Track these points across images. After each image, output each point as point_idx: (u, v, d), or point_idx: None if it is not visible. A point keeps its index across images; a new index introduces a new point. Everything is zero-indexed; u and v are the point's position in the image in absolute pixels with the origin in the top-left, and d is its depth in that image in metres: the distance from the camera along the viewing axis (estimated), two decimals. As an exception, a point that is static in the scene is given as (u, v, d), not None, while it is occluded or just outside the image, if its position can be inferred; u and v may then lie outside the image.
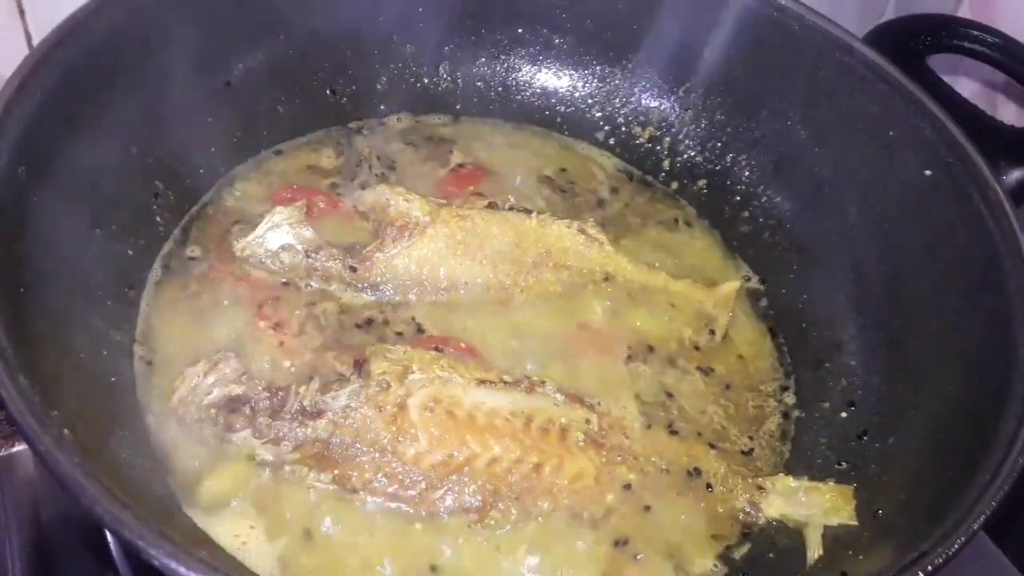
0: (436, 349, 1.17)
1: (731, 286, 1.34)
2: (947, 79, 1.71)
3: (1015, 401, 0.97)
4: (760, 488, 1.11)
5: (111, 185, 1.18)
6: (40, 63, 1.09)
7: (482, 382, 1.11)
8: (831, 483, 1.11)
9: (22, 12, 1.40)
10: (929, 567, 0.81)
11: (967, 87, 1.83)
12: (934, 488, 0.99)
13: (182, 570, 0.69)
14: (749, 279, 1.40)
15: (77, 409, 0.92)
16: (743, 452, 1.19)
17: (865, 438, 1.16)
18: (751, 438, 1.20)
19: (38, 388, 0.83)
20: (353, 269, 1.23)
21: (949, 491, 0.95)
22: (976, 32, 1.45)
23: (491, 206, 1.33)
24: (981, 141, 1.23)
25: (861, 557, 0.99)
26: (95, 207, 1.15)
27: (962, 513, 0.87)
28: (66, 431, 0.82)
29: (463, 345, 1.21)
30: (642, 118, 1.54)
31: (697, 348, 1.29)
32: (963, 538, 0.83)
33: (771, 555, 1.07)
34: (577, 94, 1.56)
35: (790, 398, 1.26)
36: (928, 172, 1.24)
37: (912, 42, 1.46)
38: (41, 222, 1.04)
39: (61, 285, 1.05)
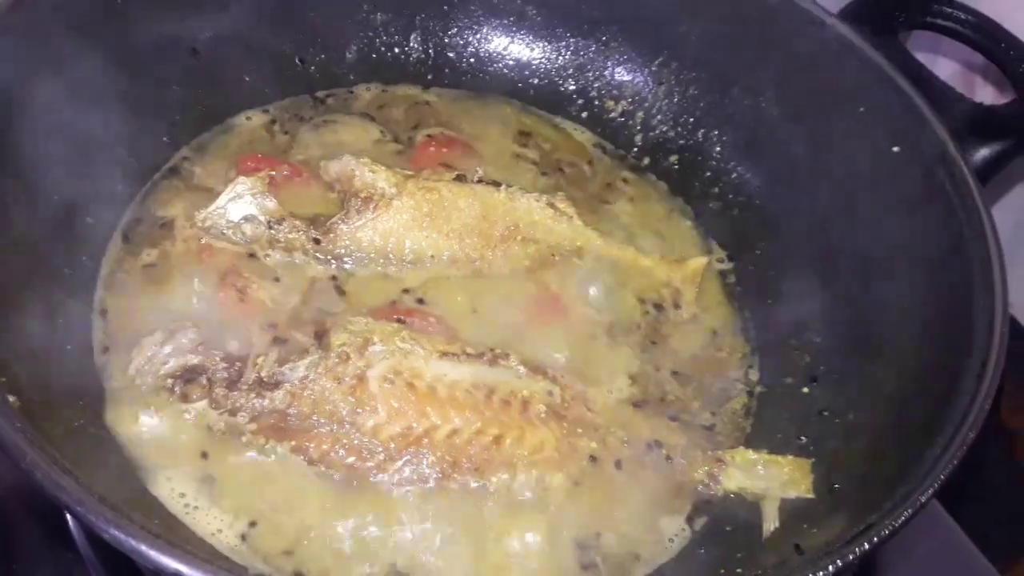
0: (399, 321, 1.17)
1: (698, 262, 1.34)
2: (926, 59, 1.70)
3: (970, 376, 0.97)
4: (719, 461, 1.11)
5: (70, 151, 1.16)
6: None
7: (444, 354, 1.10)
8: (790, 457, 1.11)
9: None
10: (876, 538, 0.82)
11: (945, 68, 1.82)
12: (890, 463, 0.99)
13: (121, 536, 0.68)
14: (717, 256, 1.39)
15: (28, 376, 0.91)
16: (704, 427, 1.19)
17: (826, 413, 1.16)
18: (713, 414, 1.21)
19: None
20: (316, 241, 1.22)
21: (904, 465, 0.95)
22: (951, 10, 1.44)
23: (459, 178, 1.31)
24: (951, 119, 1.23)
25: (816, 530, 0.99)
26: (53, 172, 1.13)
27: (912, 486, 0.88)
28: (11, 397, 0.81)
29: (429, 317, 1.21)
30: (615, 92, 1.53)
31: (663, 323, 1.28)
32: (911, 510, 0.84)
33: (728, 527, 1.08)
34: (550, 66, 1.54)
35: (754, 374, 1.26)
36: (896, 148, 1.24)
37: (886, 18, 1.44)
38: (-4, 188, 1.03)
39: (15, 252, 1.04)
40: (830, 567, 0.80)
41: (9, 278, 1.01)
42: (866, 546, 0.81)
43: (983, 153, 1.30)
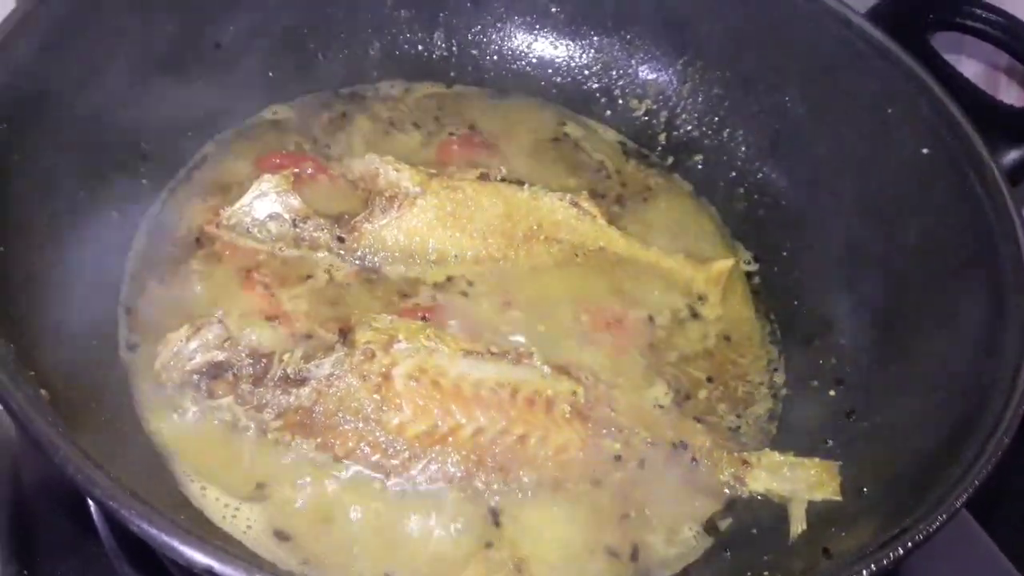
0: (423, 319, 1.16)
1: (724, 263, 1.33)
2: (949, 59, 1.69)
3: (1004, 381, 0.96)
4: (745, 462, 1.11)
5: (96, 145, 1.16)
6: (25, 19, 1.07)
7: (468, 352, 1.10)
8: (817, 459, 1.10)
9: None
10: (910, 543, 0.81)
11: (969, 68, 1.80)
12: (921, 466, 0.98)
13: (154, 531, 0.68)
14: (743, 256, 1.38)
15: (56, 370, 0.91)
16: (730, 429, 1.18)
17: (853, 416, 1.15)
18: (738, 416, 1.20)
19: (13, 347, 0.82)
20: (341, 240, 1.21)
21: (935, 469, 0.94)
22: (980, 11, 1.42)
23: (483, 177, 1.31)
24: (980, 121, 1.22)
25: (844, 533, 0.98)
26: (79, 166, 1.13)
27: (945, 490, 0.87)
28: (43, 391, 0.81)
29: (452, 316, 1.20)
30: (639, 91, 1.52)
31: (688, 325, 1.28)
32: (945, 515, 0.83)
33: (754, 530, 1.07)
34: (574, 64, 1.53)
35: (779, 377, 1.25)
36: (925, 150, 1.22)
37: (915, 19, 1.43)
38: (23, 179, 1.03)
39: (43, 245, 1.04)
40: (864, 572, 0.79)
41: (35, 273, 1.01)
42: (900, 551, 0.80)
43: (1013, 156, 1.29)
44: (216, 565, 0.68)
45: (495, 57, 1.53)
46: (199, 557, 0.68)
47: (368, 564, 0.97)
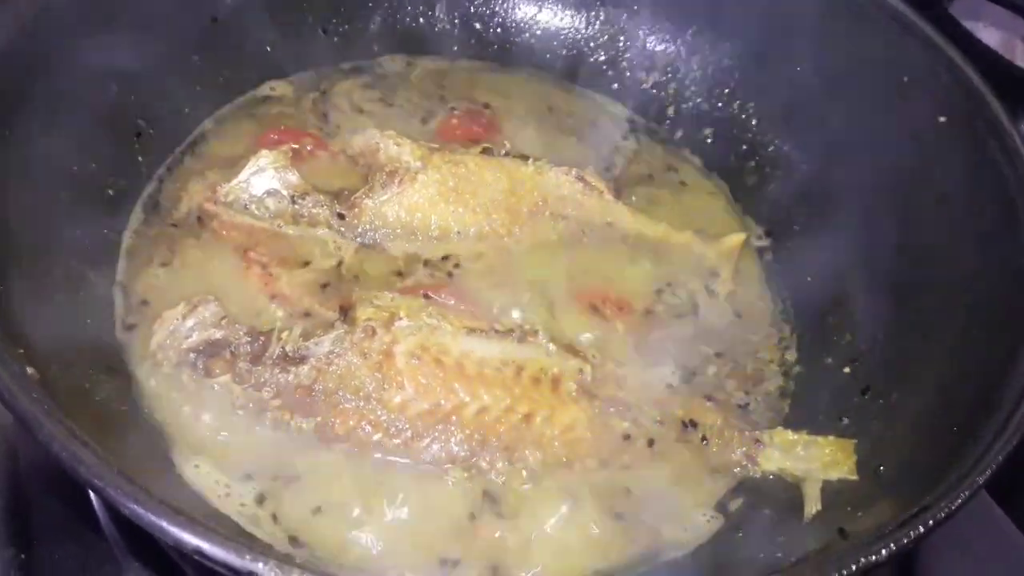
0: (425, 296, 1.13)
1: (735, 238, 1.30)
2: (968, 26, 1.65)
3: (1025, 356, 0.92)
4: (757, 441, 1.08)
5: (91, 123, 1.14)
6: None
7: (472, 330, 1.07)
8: (831, 437, 1.07)
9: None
10: (931, 521, 0.78)
11: (988, 34, 1.77)
12: (938, 445, 0.95)
13: (141, 511, 0.66)
14: (754, 231, 1.35)
15: (49, 350, 0.89)
16: (740, 407, 1.15)
17: (868, 394, 1.12)
18: (747, 393, 1.17)
19: (1, 324, 0.80)
20: (341, 216, 1.19)
21: (954, 448, 0.91)
22: (999, -26, 1.38)
23: (486, 152, 1.28)
24: (998, 88, 1.17)
25: (860, 513, 0.95)
26: (74, 144, 1.11)
27: (966, 469, 0.83)
28: (31, 369, 0.79)
29: (456, 293, 1.17)
30: (647, 63, 1.48)
31: (698, 302, 1.24)
32: (966, 493, 0.80)
33: (767, 510, 1.04)
34: (579, 36, 1.50)
35: (791, 355, 1.22)
36: (943, 118, 1.19)
37: (931, -16, 1.39)
38: (17, 157, 1.01)
39: (36, 223, 1.02)
40: (883, 551, 0.76)
41: (26, 251, 0.99)
42: (921, 529, 0.77)
43: (1035, 123, 1.24)
44: (206, 546, 0.65)
45: (498, 30, 1.50)
46: (188, 538, 0.66)
47: (365, 542, 0.95)
